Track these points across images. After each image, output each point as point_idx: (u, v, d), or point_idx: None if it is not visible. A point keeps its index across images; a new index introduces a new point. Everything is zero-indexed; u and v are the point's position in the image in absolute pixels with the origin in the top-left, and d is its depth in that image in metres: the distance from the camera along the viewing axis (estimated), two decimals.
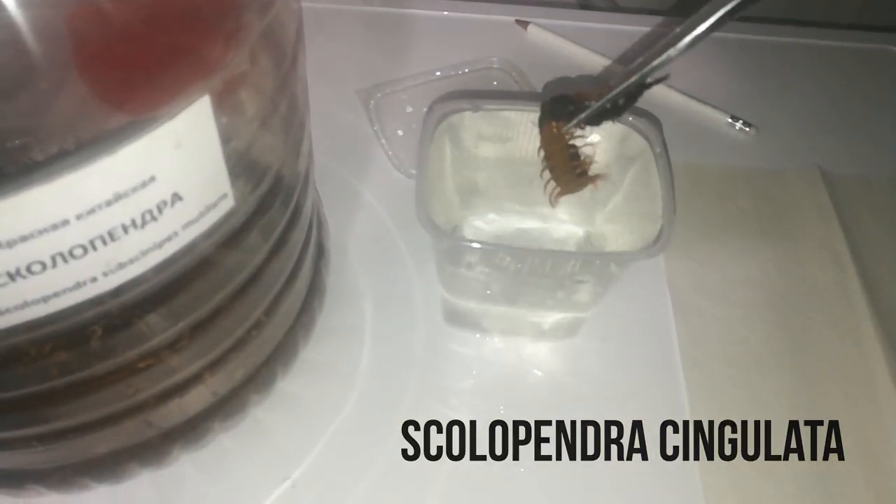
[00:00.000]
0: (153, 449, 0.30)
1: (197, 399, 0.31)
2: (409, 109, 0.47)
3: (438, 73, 0.48)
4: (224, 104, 0.20)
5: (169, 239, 0.21)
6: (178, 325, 0.26)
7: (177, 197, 0.20)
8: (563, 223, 0.37)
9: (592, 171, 0.33)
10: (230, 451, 0.33)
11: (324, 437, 0.34)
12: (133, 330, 0.25)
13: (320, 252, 0.36)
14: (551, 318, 0.36)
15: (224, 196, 0.22)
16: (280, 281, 0.31)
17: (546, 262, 0.30)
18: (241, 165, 0.23)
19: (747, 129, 0.47)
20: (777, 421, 0.35)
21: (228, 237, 0.25)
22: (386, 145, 0.45)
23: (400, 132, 0.46)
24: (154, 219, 0.20)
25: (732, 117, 0.47)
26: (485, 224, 0.37)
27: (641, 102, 0.45)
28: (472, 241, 0.28)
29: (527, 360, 0.37)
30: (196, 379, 0.30)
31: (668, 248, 0.29)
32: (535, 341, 0.37)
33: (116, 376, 0.27)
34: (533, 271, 0.31)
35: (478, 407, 0.35)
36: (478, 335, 0.37)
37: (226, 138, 0.20)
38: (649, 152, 0.32)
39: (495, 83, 0.49)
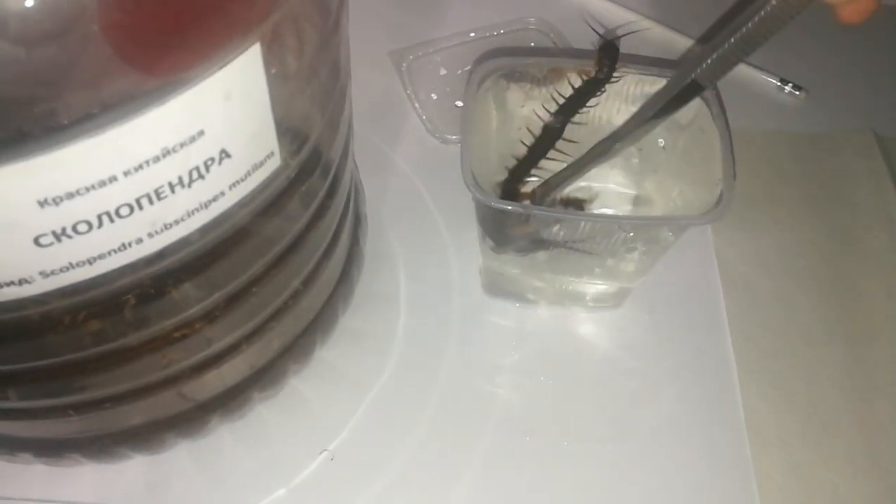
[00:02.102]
0: (191, 420, 0.30)
1: (234, 369, 0.31)
2: (443, 72, 0.45)
3: (473, 35, 0.46)
4: (272, 53, 0.18)
5: (215, 199, 0.20)
6: (217, 294, 0.26)
7: (224, 154, 0.19)
8: (612, 186, 0.35)
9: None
10: (268, 422, 0.32)
11: (361, 407, 0.33)
12: (171, 298, 0.24)
13: (357, 220, 0.34)
14: (596, 287, 0.35)
15: (271, 154, 0.21)
16: (320, 249, 0.30)
17: (597, 226, 0.29)
18: (286, 124, 0.21)
19: (797, 92, 0.45)
20: (829, 395, 0.34)
21: (270, 203, 0.24)
22: (419, 109, 0.43)
23: (434, 95, 0.44)
24: (201, 177, 0.18)
25: (781, 80, 0.45)
26: (531, 186, 0.35)
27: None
28: (522, 206, 0.27)
29: (571, 332, 0.36)
30: (234, 349, 0.29)
31: (728, 212, 0.27)
32: (578, 312, 0.36)
33: (153, 345, 0.26)
34: (583, 237, 0.29)
35: (518, 380, 0.34)
36: (518, 305, 0.36)
37: (273, 92, 0.19)
38: (706, 113, 0.30)
39: (532, 44, 0.47)
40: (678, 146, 0.32)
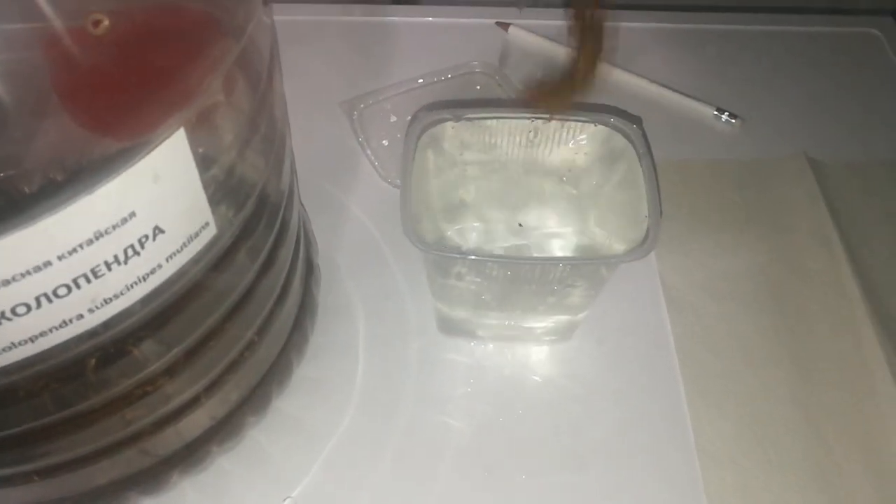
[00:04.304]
0: (153, 476, 0.30)
1: (194, 424, 0.31)
2: (394, 119, 0.47)
3: (421, 81, 0.48)
4: (201, 133, 0.20)
5: (153, 272, 0.21)
6: (171, 352, 0.26)
7: (158, 230, 0.20)
8: (552, 225, 0.36)
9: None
10: (229, 474, 0.33)
11: (322, 454, 0.34)
12: (126, 360, 0.25)
13: (309, 269, 0.36)
14: (545, 322, 0.36)
15: (206, 225, 0.22)
16: (270, 300, 0.31)
17: (535, 268, 0.30)
18: (223, 191, 0.23)
19: (733, 120, 0.47)
20: (777, 414, 0.35)
21: (215, 262, 0.25)
22: (371, 156, 0.45)
23: (385, 142, 0.45)
24: (136, 253, 0.20)
25: (718, 109, 0.47)
26: (473, 232, 0.36)
27: (625, 99, 0.45)
28: (459, 253, 0.28)
29: (523, 365, 0.37)
30: (192, 403, 0.30)
31: (655, 248, 0.29)
32: (530, 346, 0.37)
33: (113, 406, 0.27)
34: (522, 279, 0.31)
35: (475, 414, 0.35)
36: (472, 343, 0.37)
37: (204, 167, 0.20)
38: (633, 153, 0.32)
39: (478, 87, 0.49)
40: (611, 182, 0.34)
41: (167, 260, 0.21)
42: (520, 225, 0.36)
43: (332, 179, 0.44)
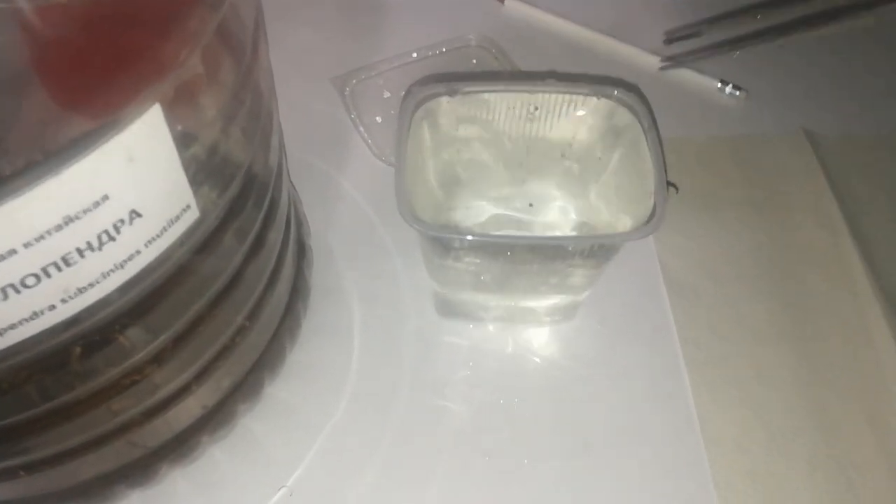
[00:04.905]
0: (141, 468, 0.29)
1: (184, 413, 0.30)
2: (387, 94, 0.45)
3: (415, 55, 0.46)
4: (179, 109, 0.18)
5: (131, 258, 0.19)
6: (158, 339, 0.25)
7: (135, 214, 0.18)
8: (553, 202, 0.35)
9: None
10: (221, 464, 0.32)
11: (317, 441, 0.32)
12: (111, 348, 0.24)
13: (301, 251, 0.34)
14: (547, 302, 0.35)
15: (187, 207, 0.20)
16: (260, 284, 0.30)
17: (536, 248, 0.29)
18: (206, 171, 0.21)
19: (737, 93, 0.46)
20: (783, 395, 0.34)
21: (199, 246, 0.23)
22: (365, 133, 0.43)
23: (378, 119, 0.44)
24: (112, 239, 0.18)
25: (722, 82, 0.46)
26: (471, 210, 0.35)
27: (626, 72, 0.44)
28: (456, 233, 0.27)
29: (525, 348, 0.36)
30: (182, 392, 0.29)
31: (661, 226, 0.28)
32: (533, 327, 0.36)
33: (100, 397, 0.26)
34: (523, 259, 0.30)
35: (475, 400, 0.34)
36: (472, 325, 0.36)
37: (184, 146, 0.19)
38: (637, 127, 0.30)
39: (474, 61, 0.47)
40: (614, 158, 0.32)
41: (146, 245, 0.20)
42: (530, 205, 0.35)
43: (324, 158, 0.42)
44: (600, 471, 0.33)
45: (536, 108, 0.32)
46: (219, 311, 0.27)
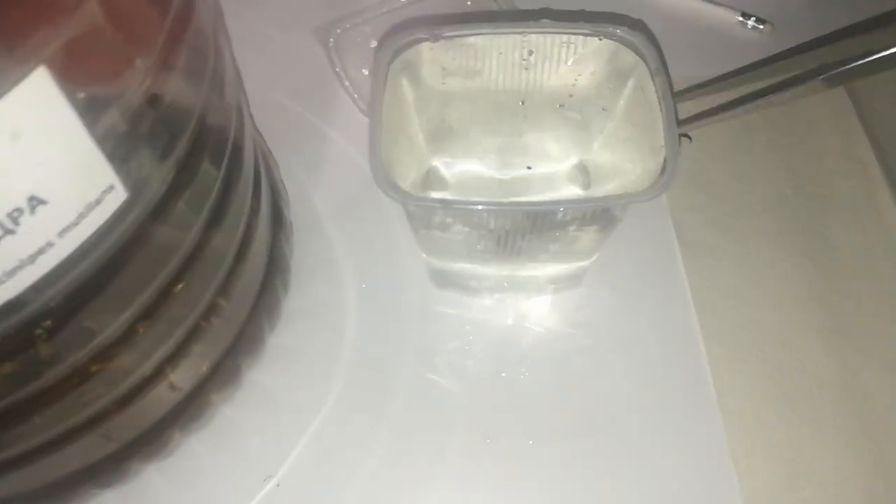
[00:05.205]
0: (113, 466, 0.27)
1: (157, 402, 0.28)
2: (374, 44, 0.41)
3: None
4: (76, 71, 0.15)
5: (42, 252, 0.17)
6: (111, 326, 0.23)
7: (36, 201, 0.16)
8: (553, 158, 0.32)
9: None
10: (201, 456, 0.29)
11: (307, 431, 0.30)
12: (69, 333, 0.21)
13: (278, 222, 0.31)
14: (550, 270, 0.32)
15: (110, 188, 0.17)
16: (228, 256, 0.27)
17: (533, 215, 0.26)
18: (131, 142, 0.18)
19: (761, 26, 0.41)
20: (807, 364, 0.31)
21: (141, 225, 0.20)
22: (350, 88, 0.40)
23: (365, 71, 0.40)
24: (10, 231, 0.15)
25: (743, 15, 0.41)
26: (462, 168, 0.32)
27: (636, 8, 0.39)
28: (439, 202, 0.24)
29: (531, 319, 0.33)
30: (155, 378, 0.27)
31: (673, 184, 0.24)
32: (538, 296, 0.33)
33: (65, 386, 0.23)
34: (519, 227, 0.26)
35: (479, 379, 0.31)
36: (470, 296, 0.33)
37: (92, 116, 0.16)
38: (644, 69, 0.27)
39: (469, 2, 0.43)
40: (619, 108, 0.29)
41: (60, 236, 0.17)
42: (529, 168, 0.31)
43: (310, 117, 0.39)
44: (610, 448, 0.30)
45: (531, 53, 0.29)
46: (181, 289, 0.25)
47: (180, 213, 0.23)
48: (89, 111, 0.16)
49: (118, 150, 0.17)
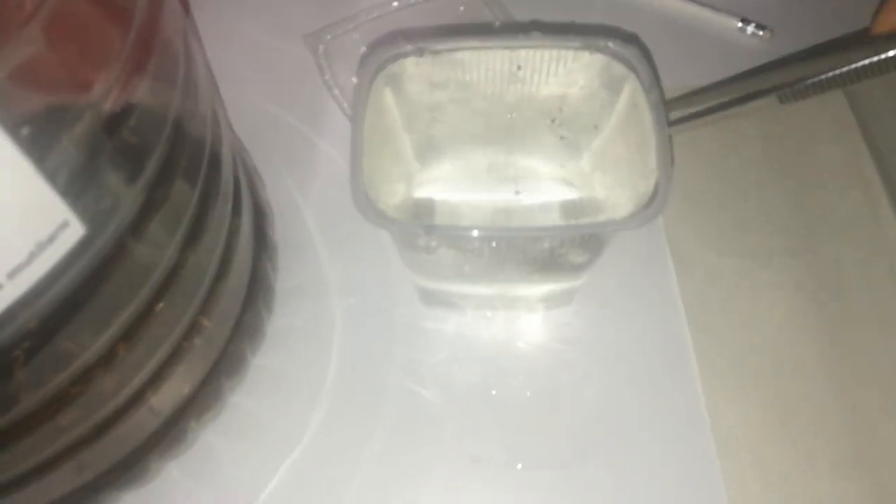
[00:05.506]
0: (85, 497, 0.26)
1: (136, 428, 0.27)
2: (364, 51, 0.40)
3: (396, 4, 0.41)
4: (16, 103, 0.14)
5: None
6: (85, 352, 0.22)
7: None
8: (542, 178, 0.31)
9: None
10: (179, 484, 0.29)
11: (290, 456, 0.29)
12: (45, 357, 0.21)
13: (262, 244, 0.30)
14: (541, 289, 0.31)
15: (64, 224, 0.17)
16: (207, 278, 0.26)
17: (520, 241, 0.25)
18: (89, 175, 0.17)
19: (761, 32, 0.40)
20: (805, 387, 0.30)
21: (105, 256, 0.20)
22: (340, 97, 0.39)
23: (355, 79, 0.39)
24: None
25: (743, 20, 0.40)
26: (452, 186, 0.31)
27: (634, 14, 0.38)
28: (421, 227, 0.23)
29: (521, 338, 0.32)
30: (136, 400, 0.26)
31: (665, 208, 0.23)
32: (527, 314, 0.32)
33: (43, 412, 0.23)
34: (507, 251, 0.25)
35: (465, 396, 0.31)
36: (460, 314, 0.32)
37: (39, 151, 0.15)
38: (637, 86, 0.26)
39: (462, 9, 0.42)
40: (611, 125, 0.28)
41: (10, 277, 0.16)
42: (517, 192, 0.30)
43: (298, 127, 0.38)
44: (600, 475, 0.29)
45: (520, 68, 0.28)
46: (162, 308, 0.24)
47: (154, 233, 0.22)
48: (35, 147, 0.15)
49: (73, 183, 0.17)
